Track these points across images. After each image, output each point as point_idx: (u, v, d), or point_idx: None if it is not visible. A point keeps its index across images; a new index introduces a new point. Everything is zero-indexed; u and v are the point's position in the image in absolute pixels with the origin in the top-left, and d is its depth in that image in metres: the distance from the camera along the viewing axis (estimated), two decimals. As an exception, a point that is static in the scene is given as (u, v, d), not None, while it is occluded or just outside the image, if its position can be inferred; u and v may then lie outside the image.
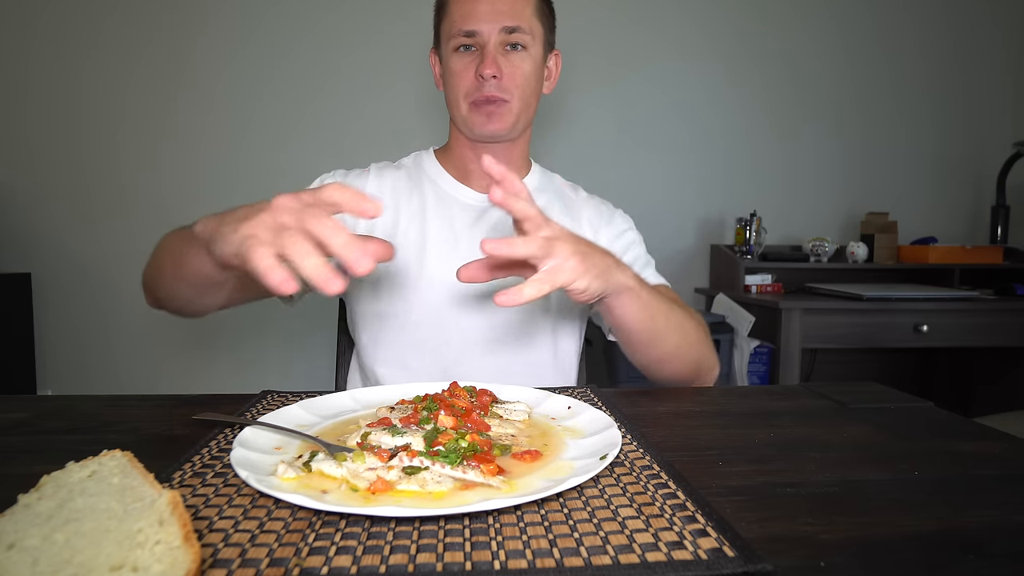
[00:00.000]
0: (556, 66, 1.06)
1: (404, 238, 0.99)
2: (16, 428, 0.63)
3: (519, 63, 0.95)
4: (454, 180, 1.05)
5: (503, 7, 0.93)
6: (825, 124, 2.59)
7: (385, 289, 0.99)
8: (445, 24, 0.97)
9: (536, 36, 0.97)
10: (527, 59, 0.96)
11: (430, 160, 1.08)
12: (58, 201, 2.29)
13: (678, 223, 2.53)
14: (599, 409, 0.64)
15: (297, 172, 2.32)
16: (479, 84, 0.94)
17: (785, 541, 0.40)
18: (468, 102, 0.96)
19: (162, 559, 0.33)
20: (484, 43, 0.93)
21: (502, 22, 0.93)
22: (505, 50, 0.95)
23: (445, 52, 0.98)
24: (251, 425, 0.57)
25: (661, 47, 2.49)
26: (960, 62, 2.63)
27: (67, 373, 2.35)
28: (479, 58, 0.94)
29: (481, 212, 1.02)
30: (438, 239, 0.99)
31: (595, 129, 2.47)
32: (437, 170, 1.06)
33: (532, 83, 0.98)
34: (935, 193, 2.66)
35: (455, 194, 1.04)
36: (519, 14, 0.94)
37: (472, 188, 1.04)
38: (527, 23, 0.95)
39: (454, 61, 0.96)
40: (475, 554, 0.37)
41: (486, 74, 0.93)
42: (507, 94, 0.95)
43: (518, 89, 0.96)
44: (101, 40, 2.26)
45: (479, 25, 0.93)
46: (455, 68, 0.96)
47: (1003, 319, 2.11)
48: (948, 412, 0.70)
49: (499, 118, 0.96)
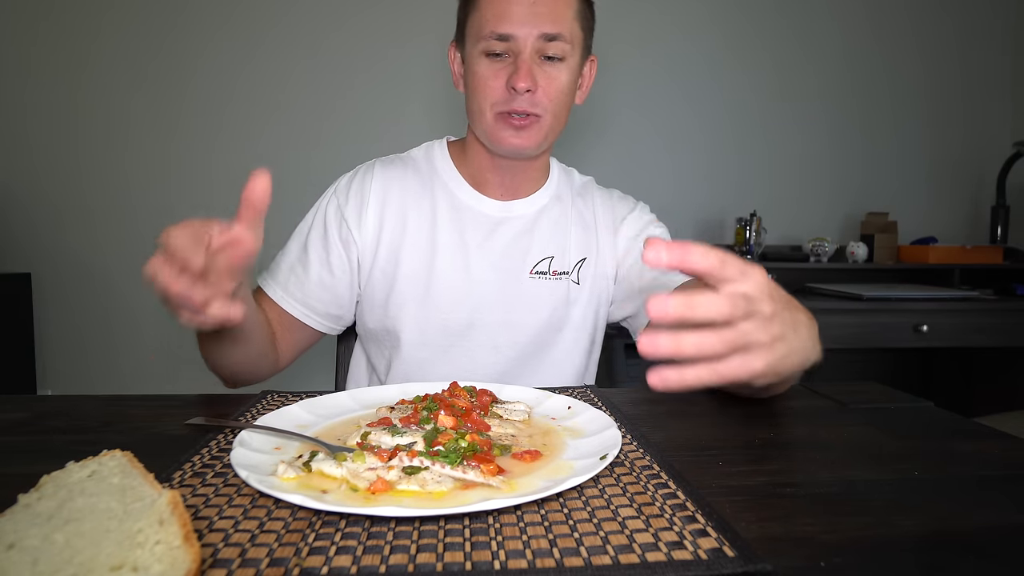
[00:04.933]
0: (591, 73, 0.96)
1: (413, 248, 0.93)
2: (16, 428, 0.63)
3: (556, 75, 0.85)
4: (469, 187, 0.97)
5: (543, 9, 0.82)
6: (825, 124, 2.59)
7: (393, 306, 0.93)
8: (474, 20, 0.86)
9: (576, 44, 0.86)
10: (564, 70, 0.86)
11: (443, 158, 0.99)
12: (58, 201, 2.29)
13: (678, 223, 2.53)
14: (599, 409, 0.63)
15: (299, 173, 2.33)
16: (509, 96, 0.84)
17: (785, 541, 0.40)
18: (494, 112, 0.86)
19: (162, 559, 0.33)
20: (519, 50, 0.83)
21: (541, 27, 0.82)
22: (541, 59, 0.84)
23: (471, 52, 0.87)
24: (246, 429, 0.57)
25: (661, 48, 2.49)
26: (960, 62, 2.62)
27: (67, 373, 2.35)
28: (512, 67, 0.83)
29: (496, 223, 0.96)
30: (447, 252, 0.93)
31: (594, 129, 2.47)
32: (451, 173, 0.98)
33: (567, 97, 0.88)
34: (935, 193, 2.66)
35: (469, 202, 0.96)
36: (560, 18, 0.83)
37: (488, 196, 0.96)
38: (568, 29, 0.84)
39: (482, 65, 0.85)
40: (475, 554, 0.37)
41: (520, 87, 0.82)
42: (540, 108, 0.85)
43: (552, 103, 0.86)
44: (102, 40, 2.26)
45: (515, 29, 0.82)
46: (482, 73, 0.85)
47: (1003, 319, 2.11)
48: (948, 412, 0.70)
49: (528, 135, 0.87)
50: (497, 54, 0.84)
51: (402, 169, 0.97)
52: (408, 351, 0.94)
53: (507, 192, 0.97)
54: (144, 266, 0.54)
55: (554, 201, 1.00)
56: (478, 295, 0.93)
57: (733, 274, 0.44)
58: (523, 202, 0.98)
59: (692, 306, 0.43)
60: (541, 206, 0.99)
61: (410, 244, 0.93)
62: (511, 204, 0.97)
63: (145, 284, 0.55)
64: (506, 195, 0.98)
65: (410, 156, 1.01)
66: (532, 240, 0.96)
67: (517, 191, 0.98)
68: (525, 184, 0.98)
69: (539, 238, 0.97)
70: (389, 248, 0.94)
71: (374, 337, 0.98)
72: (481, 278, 0.94)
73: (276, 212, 0.74)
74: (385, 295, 0.94)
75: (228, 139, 2.34)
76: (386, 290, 0.94)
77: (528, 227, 0.97)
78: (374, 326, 0.96)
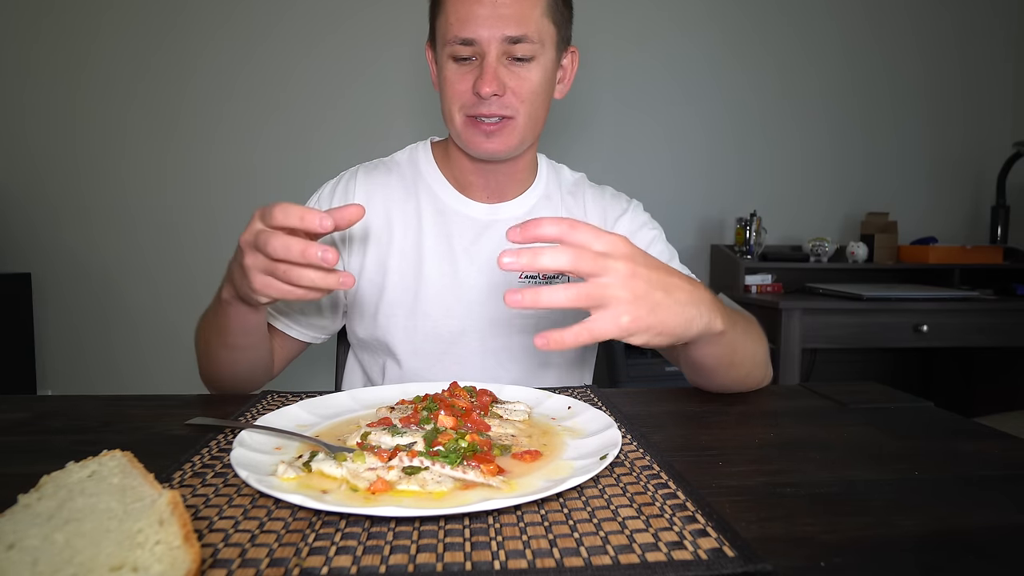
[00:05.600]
0: (572, 65, 0.92)
1: (400, 256, 0.92)
2: (16, 428, 0.63)
3: (526, 75, 0.83)
4: (454, 190, 0.95)
5: (506, 11, 0.79)
6: (825, 124, 2.59)
7: (383, 315, 0.92)
8: (440, 23, 0.84)
9: (547, 40, 0.84)
10: (535, 69, 0.83)
11: (427, 160, 0.98)
12: (58, 201, 2.29)
13: (678, 223, 2.53)
14: (599, 409, 0.64)
15: (296, 173, 2.33)
16: (476, 100, 0.82)
17: (785, 541, 0.40)
18: (463, 115, 0.84)
19: (162, 559, 0.33)
20: (483, 53, 0.81)
21: (504, 30, 0.80)
22: (509, 60, 0.82)
23: (440, 55, 0.86)
24: (246, 429, 0.57)
25: (660, 46, 2.49)
26: (960, 62, 2.62)
27: (67, 373, 2.35)
28: (477, 70, 0.82)
29: (483, 227, 0.94)
30: (435, 258, 0.92)
31: (594, 129, 2.47)
32: (435, 175, 0.96)
33: (541, 95, 0.86)
34: (935, 193, 2.66)
35: (455, 206, 0.94)
36: (525, 18, 0.80)
37: (474, 199, 0.95)
38: (535, 28, 0.81)
39: (449, 70, 0.84)
40: (475, 554, 0.37)
41: (484, 92, 0.80)
42: (510, 110, 0.83)
43: (524, 104, 0.84)
44: (102, 41, 2.26)
45: (479, 31, 0.80)
46: (450, 78, 0.84)
47: (1003, 319, 2.11)
48: (948, 412, 0.70)
49: (501, 138, 0.84)
50: (464, 58, 0.83)
51: (386, 175, 0.96)
52: (401, 359, 0.93)
53: (493, 194, 0.96)
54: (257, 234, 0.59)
55: (543, 201, 0.98)
56: (468, 301, 0.92)
57: (586, 237, 0.51)
58: (510, 204, 0.96)
59: (536, 256, 0.49)
60: (529, 207, 0.97)
61: (397, 252, 0.92)
62: (498, 207, 0.96)
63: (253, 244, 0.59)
64: (492, 197, 0.96)
65: (394, 160, 0.99)
66: None
67: (503, 193, 0.96)
68: (511, 186, 0.96)
69: None
70: (376, 257, 0.92)
71: (366, 346, 0.97)
72: (470, 284, 0.92)
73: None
74: (375, 305, 0.93)
75: (227, 139, 2.34)
76: (375, 300, 0.92)
77: None
78: (365, 336, 0.95)
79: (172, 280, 2.34)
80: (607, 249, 0.52)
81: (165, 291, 2.34)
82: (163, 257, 2.34)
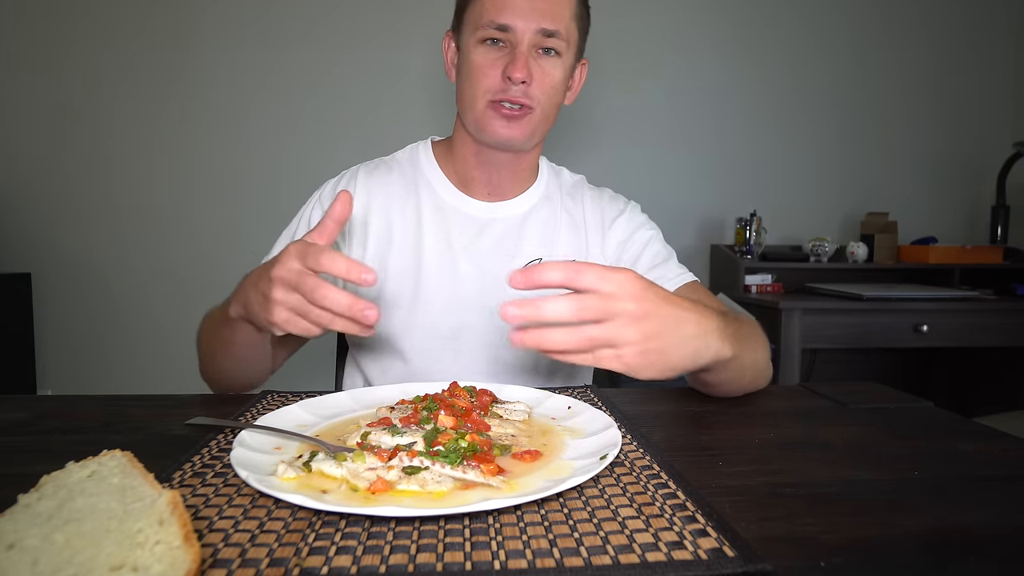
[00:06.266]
0: (581, 76, 0.97)
1: (400, 253, 0.93)
2: (16, 428, 0.63)
3: (551, 70, 0.87)
4: (454, 188, 0.96)
5: (543, 5, 0.84)
6: (825, 124, 2.59)
7: (382, 312, 0.93)
8: (473, 9, 0.87)
9: (571, 43, 0.88)
10: (559, 66, 0.87)
11: (428, 159, 0.99)
12: (58, 201, 2.29)
13: (678, 223, 2.53)
14: (599, 409, 0.64)
15: (293, 171, 2.33)
16: (504, 85, 0.85)
17: (785, 541, 0.40)
18: (487, 100, 0.86)
19: (162, 559, 0.33)
20: (516, 41, 0.84)
21: (540, 22, 0.83)
22: (537, 53, 0.86)
23: (467, 41, 0.88)
24: (246, 429, 0.57)
25: (660, 46, 2.49)
26: (961, 62, 2.62)
27: (67, 373, 2.35)
28: (508, 57, 0.84)
29: (482, 225, 0.95)
30: (434, 255, 0.93)
31: (594, 129, 2.47)
32: (435, 173, 0.97)
33: (559, 94, 0.90)
34: (935, 193, 2.66)
35: (455, 203, 0.96)
36: (559, 16, 0.85)
37: (473, 197, 0.96)
38: (565, 27, 0.86)
39: (478, 54, 0.86)
40: (475, 554, 0.37)
41: (515, 77, 0.83)
42: (533, 101, 0.86)
43: (545, 97, 0.87)
44: (96, 41, 2.26)
45: (515, 20, 0.83)
46: (478, 62, 0.86)
47: (1003, 319, 2.11)
48: (948, 412, 0.70)
49: (519, 126, 0.87)
50: (495, 41, 0.85)
51: (386, 174, 0.97)
52: (400, 355, 0.93)
53: (494, 192, 0.96)
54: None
55: (543, 202, 0.98)
56: (466, 298, 0.93)
57: (591, 282, 0.51)
58: (510, 203, 0.97)
59: (540, 308, 0.50)
60: (529, 207, 0.98)
61: (396, 250, 0.93)
62: (497, 206, 0.96)
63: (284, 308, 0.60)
64: (493, 195, 0.97)
65: (394, 159, 1.01)
66: (520, 242, 0.96)
67: (504, 191, 0.97)
68: (512, 184, 0.97)
69: (527, 240, 0.96)
70: (376, 255, 0.93)
71: (365, 343, 0.97)
72: (468, 281, 0.93)
73: (272, 212, 0.73)
74: (374, 301, 0.93)
75: (225, 139, 2.33)
76: (374, 296, 0.93)
77: (515, 229, 0.96)
78: (361, 338, 0.95)
79: (172, 280, 2.34)
80: (614, 290, 0.52)
81: (165, 291, 2.34)
82: (163, 257, 2.34)
